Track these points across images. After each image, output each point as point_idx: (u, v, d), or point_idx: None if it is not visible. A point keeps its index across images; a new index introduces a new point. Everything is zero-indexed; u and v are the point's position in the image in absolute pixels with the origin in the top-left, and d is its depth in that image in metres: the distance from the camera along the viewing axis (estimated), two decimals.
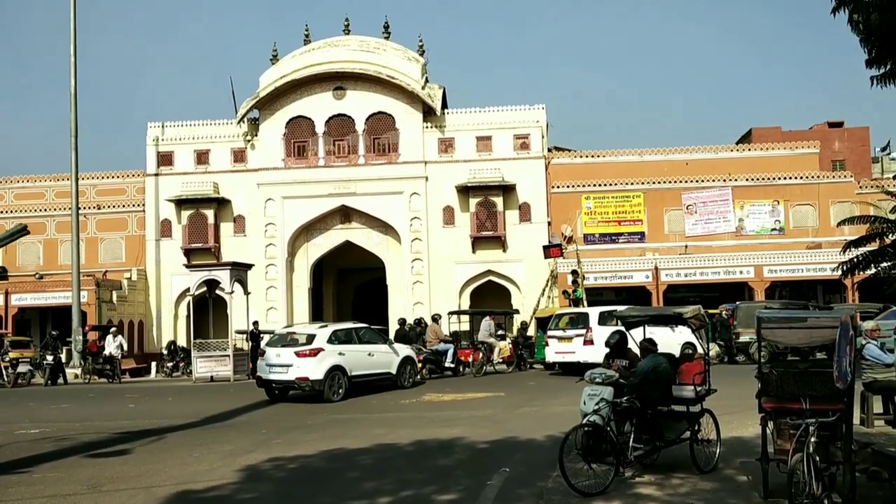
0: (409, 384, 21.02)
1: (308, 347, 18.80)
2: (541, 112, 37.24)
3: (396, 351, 21.27)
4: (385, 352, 20.81)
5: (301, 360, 18.58)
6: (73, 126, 30.70)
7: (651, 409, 9.25)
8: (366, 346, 20.22)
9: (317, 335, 19.33)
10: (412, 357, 21.78)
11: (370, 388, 19.91)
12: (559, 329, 24.58)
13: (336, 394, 18.66)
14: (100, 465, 11.22)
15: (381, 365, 20.49)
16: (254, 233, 37.02)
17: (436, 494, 8.66)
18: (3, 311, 34.08)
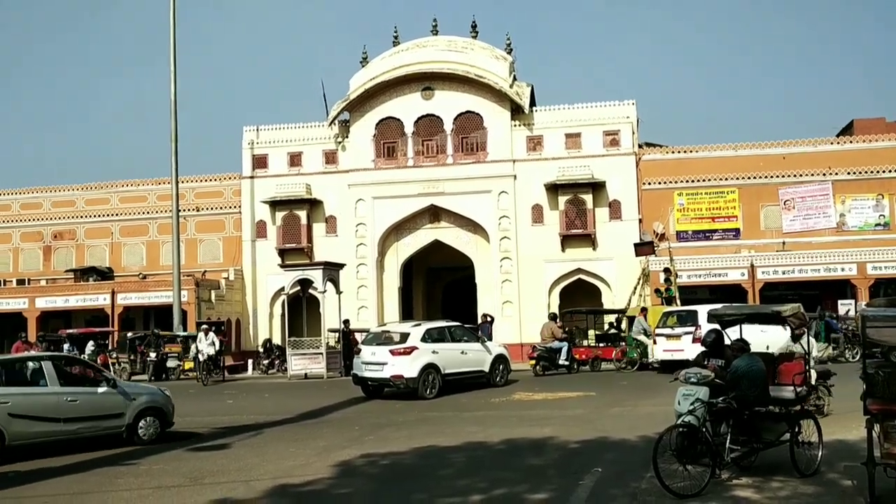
0: (502, 382, 21.06)
1: (402, 346, 19.12)
2: (631, 108, 36.69)
3: (489, 349, 21.38)
4: (478, 350, 20.94)
5: (396, 358, 18.91)
6: (174, 132, 31.80)
7: (748, 410, 9.01)
8: (459, 345, 20.44)
9: (411, 333, 19.61)
10: (505, 355, 21.83)
11: (463, 386, 20.02)
12: (668, 327, 24.34)
13: (430, 391, 18.86)
14: (201, 459, 11.63)
15: (474, 363, 20.64)
16: (345, 233, 37.66)
17: (528, 493, 8.65)
18: (110, 310, 35.59)
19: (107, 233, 40.59)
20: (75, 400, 12.57)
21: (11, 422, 11.79)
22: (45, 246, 41.16)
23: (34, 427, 12.09)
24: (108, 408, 12.98)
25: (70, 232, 40.93)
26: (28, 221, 41.34)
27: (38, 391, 12.45)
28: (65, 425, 12.38)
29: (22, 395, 12.22)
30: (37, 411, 12.14)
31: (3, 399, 11.88)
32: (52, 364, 12.88)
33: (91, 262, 39.83)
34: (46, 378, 12.55)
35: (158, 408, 13.64)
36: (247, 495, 8.94)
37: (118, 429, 13.11)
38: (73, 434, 12.53)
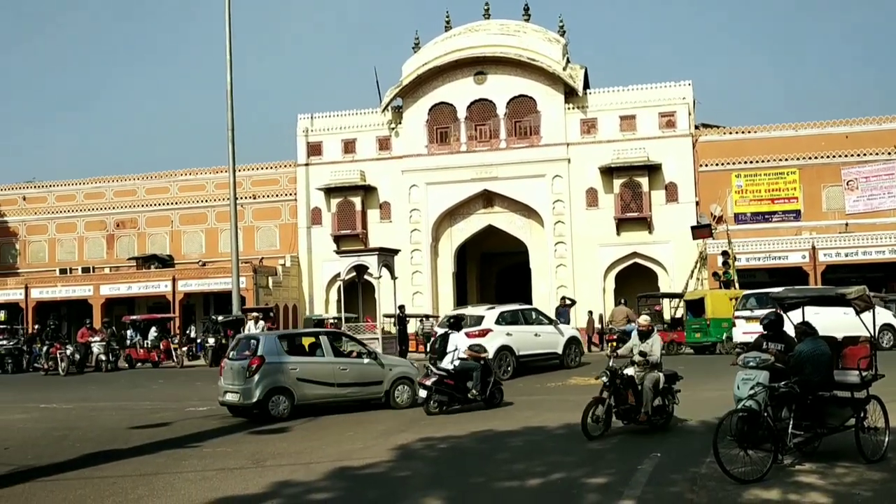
0: (575, 364, 21.45)
1: (477, 328, 19.54)
2: (687, 88, 36.11)
3: (562, 331, 21.83)
4: (551, 332, 21.38)
5: (470, 340, 19.09)
6: (230, 121, 32.28)
7: (811, 395, 8.84)
8: (532, 327, 20.90)
9: (485, 316, 20.22)
10: (577, 337, 22.50)
11: (537, 368, 20.11)
12: (747, 309, 24.14)
13: (505, 372, 19.20)
14: (262, 442, 11.85)
15: (548, 345, 21.10)
16: (399, 219, 37.86)
17: (586, 478, 8.62)
18: (171, 297, 36.40)
19: (167, 221, 41.48)
20: (346, 369, 14.73)
21: (298, 385, 14.07)
22: (109, 234, 42.24)
23: (315, 390, 14.32)
24: (370, 376, 14.86)
25: (132, 220, 41.92)
26: (92, 211, 42.46)
27: (318, 360, 14.63)
28: (338, 389, 14.55)
29: (305, 364, 14.44)
30: (317, 377, 14.37)
31: (292, 366, 14.18)
32: (327, 338, 15.16)
33: (152, 250, 40.77)
34: (323, 350, 14.73)
35: (410, 377, 15.29)
36: (308, 477, 9.08)
37: (378, 394, 14.94)
38: (343, 397, 14.67)
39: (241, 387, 13.90)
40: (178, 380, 23.76)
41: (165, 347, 30.26)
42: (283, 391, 13.94)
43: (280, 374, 13.98)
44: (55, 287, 38.43)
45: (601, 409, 10.87)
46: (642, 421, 11.07)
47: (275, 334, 15.98)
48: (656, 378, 11.24)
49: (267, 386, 13.79)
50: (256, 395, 13.75)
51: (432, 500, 7.99)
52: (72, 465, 10.51)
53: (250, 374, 13.81)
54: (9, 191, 44.57)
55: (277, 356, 14.20)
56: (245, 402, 13.87)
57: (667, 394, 11.40)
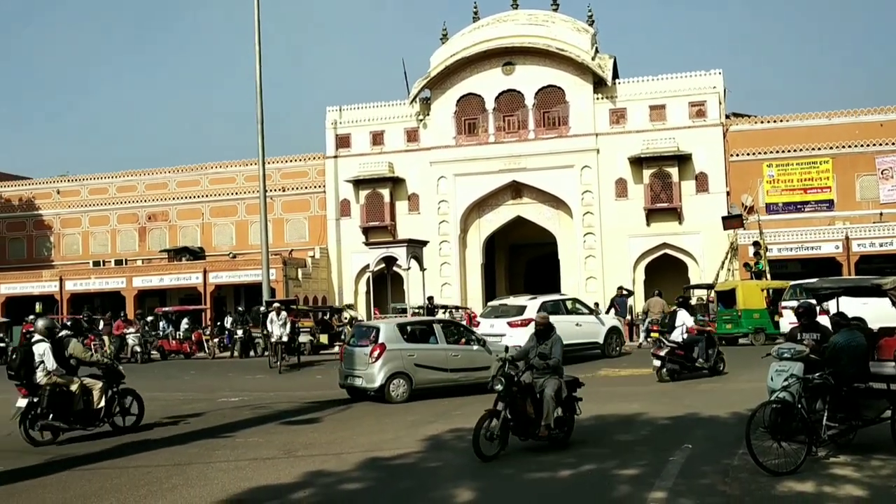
0: (616, 354, 21.80)
1: (519, 318, 19.94)
2: (717, 77, 35.72)
3: (603, 321, 22.25)
4: (592, 322, 21.79)
5: (513, 329, 19.79)
6: (259, 114, 32.40)
7: (846, 386, 8.74)
8: (573, 317, 21.25)
9: (527, 306, 20.58)
10: (618, 327, 23.02)
11: (578, 358, 20.24)
12: (794, 299, 23.99)
13: None
14: (294, 432, 11.95)
15: (589, 335, 21.48)
16: (427, 210, 37.89)
17: (617, 469, 8.61)
18: (202, 288, 36.73)
19: (198, 214, 41.86)
20: (457, 355, 15.67)
21: (416, 370, 15.09)
22: (141, 227, 42.72)
23: (430, 375, 15.26)
24: (479, 361, 15.64)
25: (163, 213, 42.36)
26: (124, 204, 42.95)
27: (432, 347, 15.60)
28: (450, 374, 15.47)
29: (421, 350, 15.43)
30: (432, 363, 15.34)
31: (409, 352, 15.16)
32: (440, 326, 16.22)
33: (184, 243, 41.15)
34: (437, 337, 15.75)
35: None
36: (339, 468, 9.15)
37: (485, 379, 14.81)
38: (455, 381, 15.48)
39: (364, 371, 14.99)
40: (210, 371, 24.01)
41: (197, 339, 30.59)
42: (403, 376, 14.96)
43: (400, 360, 14.99)
44: (89, 279, 38.94)
45: (496, 423, 9.31)
46: (542, 436, 9.64)
47: (393, 322, 16.71)
48: (558, 385, 9.82)
49: (388, 371, 14.81)
50: (379, 380, 14.75)
51: (463, 490, 8.02)
52: (107, 454, 10.67)
53: (373, 360, 14.85)
54: (43, 184, 45.22)
55: (397, 343, 15.20)
56: (367, 386, 14.93)
57: (569, 403, 10.05)
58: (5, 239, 44.90)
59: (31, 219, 44.48)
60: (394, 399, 14.69)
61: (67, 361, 11.90)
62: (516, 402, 9.53)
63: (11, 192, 45.33)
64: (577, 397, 10.16)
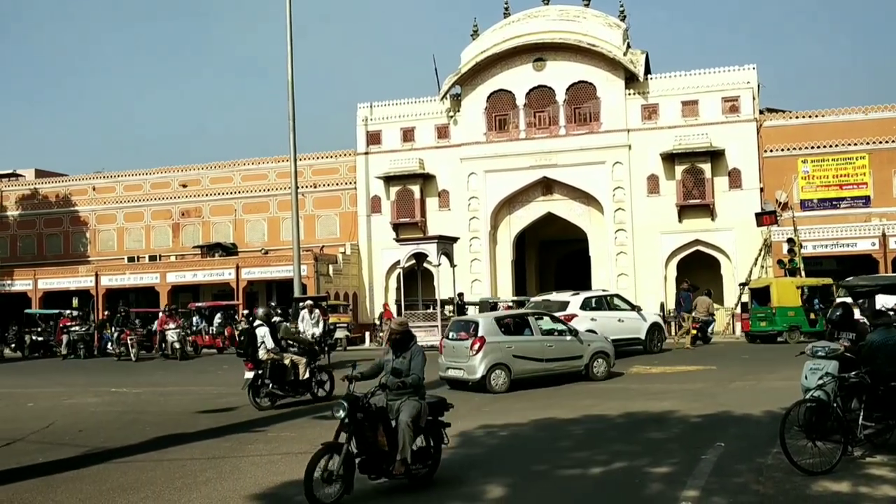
0: (657, 349, 22.03)
1: (563, 313, 20.01)
2: (751, 72, 35.30)
3: (644, 317, 22.47)
4: (634, 318, 22.04)
5: None
6: (291, 111, 32.59)
7: (883, 385, 8.62)
8: (615, 313, 21.60)
9: (570, 302, 21.11)
10: (660, 323, 23.36)
11: (620, 353, 20.23)
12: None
13: None
14: (327, 427, 11.91)
15: (631, 330, 21.79)
16: (458, 206, 37.89)
17: (649, 467, 8.57)
18: (235, 284, 37.07)
19: (230, 210, 42.23)
20: (552, 345, 16.27)
21: (514, 361, 15.69)
22: (174, 223, 43.19)
23: (527, 365, 15.89)
24: (572, 351, 16.41)
25: (196, 210, 42.78)
26: (158, 200, 43.44)
27: (529, 339, 16.22)
28: (545, 364, 16.07)
29: (519, 342, 16.05)
30: (528, 353, 15.95)
31: (508, 344, 15.79)
32: (534, 318, 16.74)
33: (216, 239, 41.54)
34: (532, 329, 16.38)
35: (606, 352, 16.95)
36: None
37: (578, 368, 16.46)
38: (550, 371, 16.14)
39: (465, 364, 15.64)
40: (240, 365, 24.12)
41: (230, 334, 30.82)
42: (502, 367, 15.56)
43: (499, 352, 15.59)
44: (124, 275, 39.47)
45: (336, 460, 7.47)
46: (398, 474, 7.84)
47: (491, 316, 17.33)
48: (417, 409, 7.94)
49: (489, 363, 15.42)
50: (480, 371, 15.38)
51: (494, 486, 8.03)
52: (142, 447, 10.83)
53: (474, 353, 15.46)
54: (80, 181, 45.88)
55: (496, 336, 15.80)
56: (469, 378, 15.57)
57: (433, 431, 8.26)
58: (43, 235, 45.64)
59: (67, 215, 45.16)
60: (494, 389, 15.26)
61: (280, 342, 14.88)
62: (364, 432, 7.70)
63: (49, 188, 46.06)
64: (445, 422, 8.36)
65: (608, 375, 16.70)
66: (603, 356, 16.82)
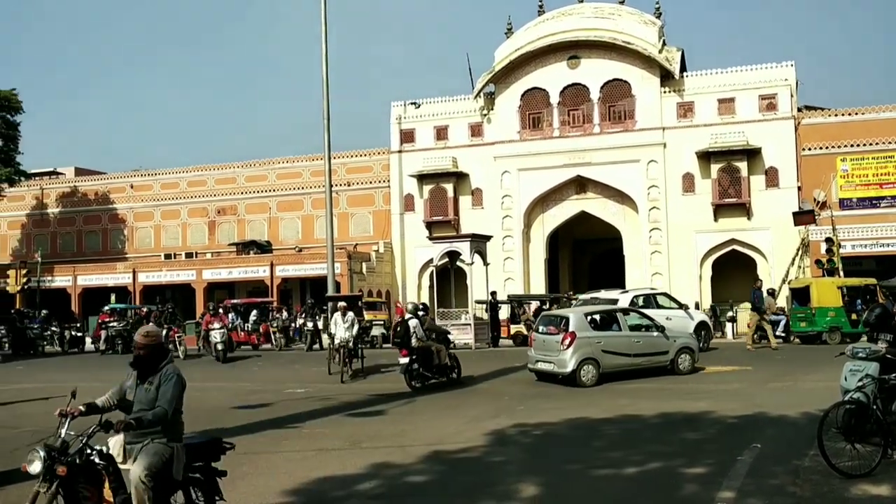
0: (704, 347, 22.03)
1: None
2: (789, 70, 34.86)
3: (692, 316, 22.78)
4: (681, 316, 22.30)
5: None
6: (326, 110, 32.79)
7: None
8: (663, 311, 21.71)
9: (619, 300, 21.72)
10: (706, 321, 23.83)
11: None
12: None
13: None
14: (359, 424, 12.09)
15: (678, 328, 22.04)
16: (491, 205, 37.86)
17: (684, 468, 8.50)
18: (269, 281, 37.38)
19: (265, 208, 42.59)
20: (639, 341, 16.80)
21: (603, 356, 16.18)
22: (210, 221, 43.66)
23: (615, 360, 16.37)
24: (658, 347, 16.90)
25: (232, 207, 43.20)
26: (194, 198, 43.94)
27: (617, 334, 16.76)
28: (633, 359, 16.58)
29: (607, 337, 16.56)
30: (617, 349, 16.44)
31: (597, 339, 16.31)
32: (621, 314, 17.51)
33: (251, 236, 41.93)
34: (620, 325, 16.92)
35: (691, 348, 17.49)
36: (404, 460, 9.23)
37: (664, 363, 16.95)
38: (637, 365, 16.62)
39: (556, 357, 16.18)
40: (278, 362, 24.39)
41: (265, 331, 31.08)
42: (592, 361, 16.03)
43: (589, 347, 16.09)
44: (160, 271, 40.00)
45: None
46: None
47: (581, 311, 17.64)
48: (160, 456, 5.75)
49: (580, 357, 15.91)
50: (571, 365, 15.88)
51: (528, 485, 8.01)
52: None
53: (565, 347, 15.98)
54: (118, 179, 46.56)
55: (585, 331, 16.31)
56: (559, 371, 16.11)
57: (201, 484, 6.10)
58: (82, 232, 46.39)
59: (106, 212, 45.86)
60: (584, 383, 15.76)
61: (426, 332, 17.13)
62: (77, 494, 5.43)
63: (88, 186, 46.80)
64: (220, 471, 6.26)
65: (692, 370, 17.14)
66: (688, 351, 17.28)
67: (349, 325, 19.47)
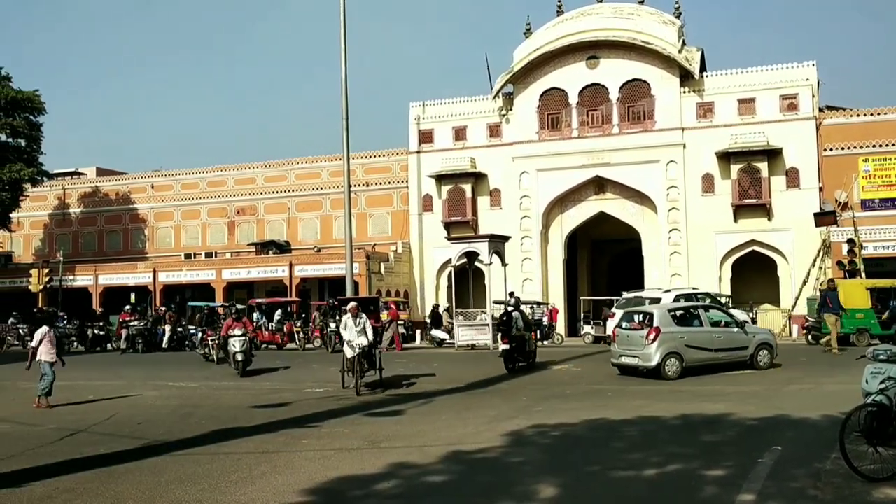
0: None
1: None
2: (810, 69, 34.58)
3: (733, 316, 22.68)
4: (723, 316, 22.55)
5: None
6: (344, 110, 32.84)
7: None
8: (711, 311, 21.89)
9: (662, 298, 22.54)
10: (748, 321, 23.72)
11: None
12: None
13: None
14: (377, 424, 12.12)
15: None
16: (509, 205, 37.82)
17: (703, 470, 8.46)
18: (288, 281, 37.53)
19: (284, 208, 42.78)
20: (720, 336, 17.37)
21: (686, 350, 16.83)
22: (230, 221, 43.91)
23: (697, 354, 17.01)
24: (738, 342, 17.52)
25: (251, 207, 43.43)
26: (214, 198, 44.21)
27: (699, 330, 17.41)
28: (714, 353, 17.17)
29: (691, 332, 17.21)
30: (699, 343, 17.09)
31: (681, 334, 16.96)
32: (703, 310, 18.07)
33: (270, 236, 42.13)
34: (702, 320, 17.60)
35: (770, 344, 18.06)
36: (422, 460, 9.23)
37: (744, 358, 17.52)
38: (718, 360, 17.20)
39: (640, 352, 16.83)
40: (296, 362, 24.44)
41: (289, 330, 31.13)
42: (676, 355, 16.65)
43: (673, 342, 16.70)
44: (180, 271, 40.26)
45: None
46: None
47: (665, 307, 18.24)
48: None
49: (664, 351, 16.53)
50: (656, 359, 16.52)
51: (546, 486, 8.00)
52: (199, 440, 11.04)
53: (650, 342, 16.61)
54: (138, 179, 46.93)
55: (669, 326, 16.90)
56: (644, 365, 16.76)
57: None
58: (103, 232, 46.79)
59: (126, 212, 46.23)
60: (668, 376, 16.37)
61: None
62: None
63: (109, 186, 47.19)
64: None
65: (770, 365, 17.69)
66: (767, 347, 17.79)
67: (361, 328, 16.70)
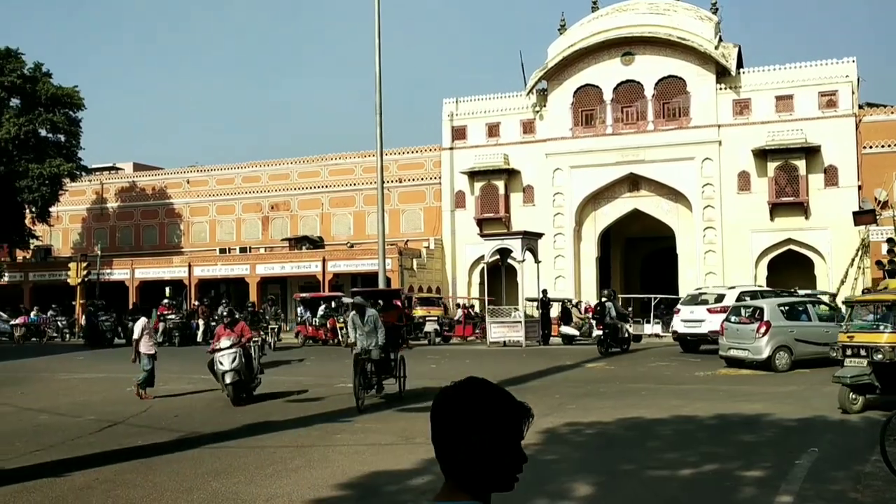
0: None
1: (719, 305, 21.72)
2: (850, 66, 34.03)
3: None
4: None
5: (713, 315, 21.46)
6: (378, 106, 32.94)
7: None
8: None
9: (726, 295, 22.62)
10: None
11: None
12: None
13: None
14: (411, 420, 12.13)
15: None
16: (542, 202, 37.69)
17: (740, 471, 8.38)
18: (321, 277, 37.72)
19: (317, 204, 43.01)
20: (828, 331, 16.81)
21: (795, 344, 17.28)
22: (264, 217, 44.25)
23: (805, 348, 17.31)
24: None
25: (285, 203, 43.72)
26: (249, 194, 44.57)
27: (808, 324, 17.86)
28: (821, 348, 16.38)
29: (800, 327, 17.65)
30: (808, 338, 17.41)
31: (790, 329, 17.45)
32: (811, 305, 18.63)
33: (304, 232, 42.37)
34: (810, 315, 18.09)
35: None
36: None
37: None
38: (825, 354, 16.02)
39: (751, 345, 17.27)
40: (330, 356, 24.55)
41: (332, 326, 31.09)
42: (785, 349, 17.18)
43: (782, 335, 17.21)
44: (215, 266, 40.63)
45: None
46: None
47: (774, 302, 18.56)
48: None
49: (774, 345, 17.06)
50: (766, 352, 17.03)
51: (580, 484, 7.97)
52: (235, 433, 11.14)
53: (760, 336, 17.06)
54: (175, 175, 47.47)
55: (779, 321, 17.34)
56: (754, 357, 17.24)
57: None
58: (140, 226, 47.39)
59: (163, 207, 46.78)
60: (778, 368, 16.88)
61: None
62: None
63: (146, 181, 47.79)
64: None
65: None
66: None
67: (371, 328, 13.93)
